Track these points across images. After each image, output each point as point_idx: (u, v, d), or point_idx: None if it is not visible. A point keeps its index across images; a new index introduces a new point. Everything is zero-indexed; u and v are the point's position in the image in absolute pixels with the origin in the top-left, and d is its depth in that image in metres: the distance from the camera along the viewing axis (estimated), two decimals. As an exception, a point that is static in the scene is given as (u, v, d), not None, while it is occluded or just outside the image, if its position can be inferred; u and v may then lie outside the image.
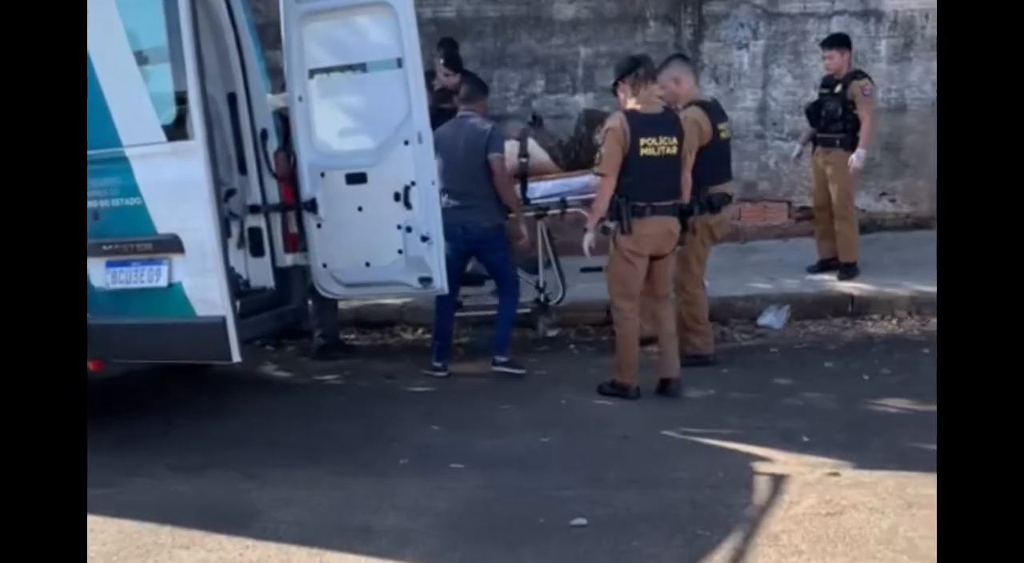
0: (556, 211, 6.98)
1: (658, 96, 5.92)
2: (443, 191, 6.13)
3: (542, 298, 7.12)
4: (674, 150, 5.73)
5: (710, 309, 6.56)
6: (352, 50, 6.22)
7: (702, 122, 6.17)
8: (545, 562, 3.95)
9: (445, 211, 6.02)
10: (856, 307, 7.38)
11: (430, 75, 7.20)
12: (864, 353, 6.56)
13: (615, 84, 5.92)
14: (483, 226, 6.25)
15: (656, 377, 5.92)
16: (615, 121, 5.72)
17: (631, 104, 5.78)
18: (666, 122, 5.78)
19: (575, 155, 6.90)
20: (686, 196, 5.91)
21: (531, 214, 6.88)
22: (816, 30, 9.28)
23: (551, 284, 7.18)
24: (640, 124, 5.68)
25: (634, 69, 5.83)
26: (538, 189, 6.86)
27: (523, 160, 6.85)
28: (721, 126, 6.36)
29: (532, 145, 6.93)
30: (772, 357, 6.60)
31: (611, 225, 5.79)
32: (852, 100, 7.63)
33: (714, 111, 6.40)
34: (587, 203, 6.37)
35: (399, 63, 6.01)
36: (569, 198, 6.83)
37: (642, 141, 5.64)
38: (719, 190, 6.35)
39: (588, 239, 5.81)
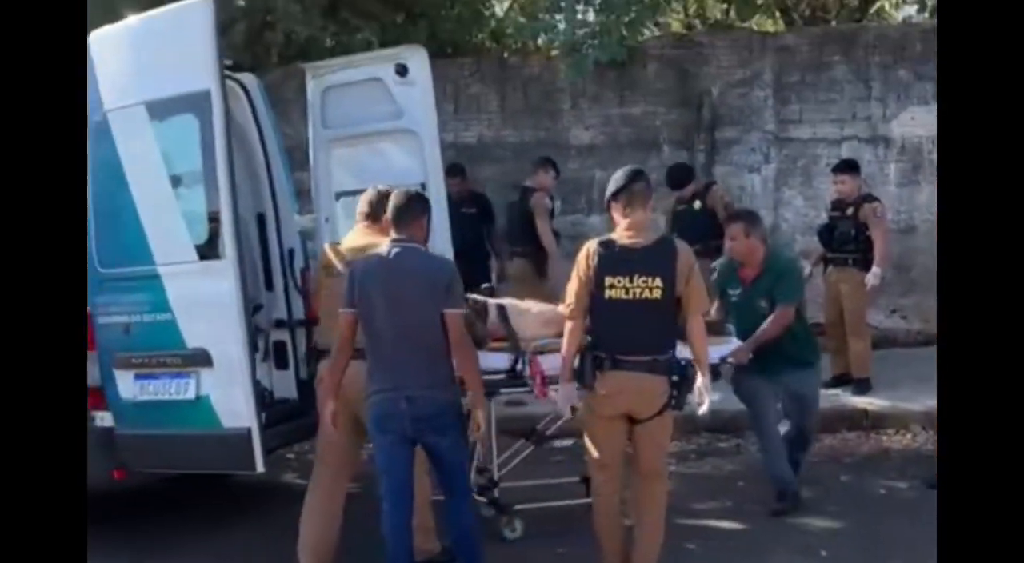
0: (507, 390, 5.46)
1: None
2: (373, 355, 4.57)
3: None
4: (656, 294, 4.51)
5: (726, 421, 6.54)
6: (377, 174, 6.35)
7: None
8: None
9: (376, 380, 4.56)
10: (871, 421, 7.40)
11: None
12: (880, 467, 6.55)
13: (607, 204, 4.85)
14: (438, 399, 4.51)
15: None
16: (582, 251, 4.68)
17: (617, 230, 4.71)
18: (650, 258, 4.57)
19: None
20: (696, 351, 4.66)
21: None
22: (826, 154, 9.52)
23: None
24: (610, 258, 4.58)
25: (628, 185, 4.73)
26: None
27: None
28: None
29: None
30: (788, 471, 6.60)
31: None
32: (864, 222, 7.78)
33: None
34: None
35: (423, 187, 6.18)
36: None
37: (607, 280, 4.55)
38: None
39: (561, 396, 4.76)
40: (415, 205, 4.70)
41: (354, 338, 4.61)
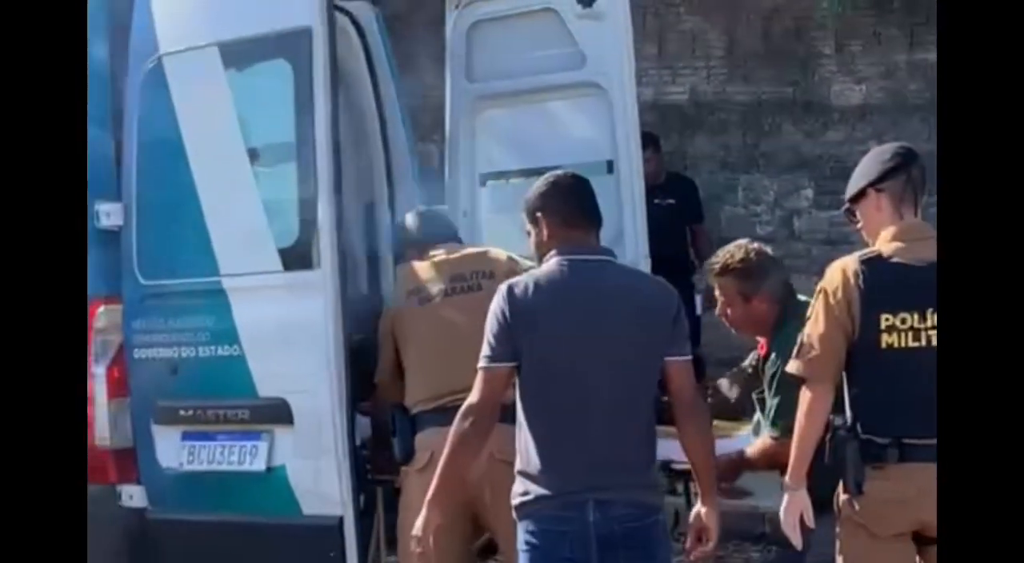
0: None
1: None
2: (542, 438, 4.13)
3: None
4: None
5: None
6: (543, 149, 6.36)
7: None
8: None
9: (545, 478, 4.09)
10: None
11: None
12: None
13: (857, 196, 4.49)
14: (646, 505, 4.17)
15: None
16: (834, 273, 4.33)
17: (882, 240, 4.37)
18: None
19: None
20: None
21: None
22: None
23: None
24: (886, 284, 4.26)
25: (903, 168, 4.39)
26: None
27: None
28: None
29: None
30: None
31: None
32: None
33: None
34: None
35: (609, 167, 6.16)
36: None
37: (884, 320, 4.23)
38: None
39: (789, 509, 4.36)
40: (592, 193, 4.49)
41: (499, 406, 4.23)
